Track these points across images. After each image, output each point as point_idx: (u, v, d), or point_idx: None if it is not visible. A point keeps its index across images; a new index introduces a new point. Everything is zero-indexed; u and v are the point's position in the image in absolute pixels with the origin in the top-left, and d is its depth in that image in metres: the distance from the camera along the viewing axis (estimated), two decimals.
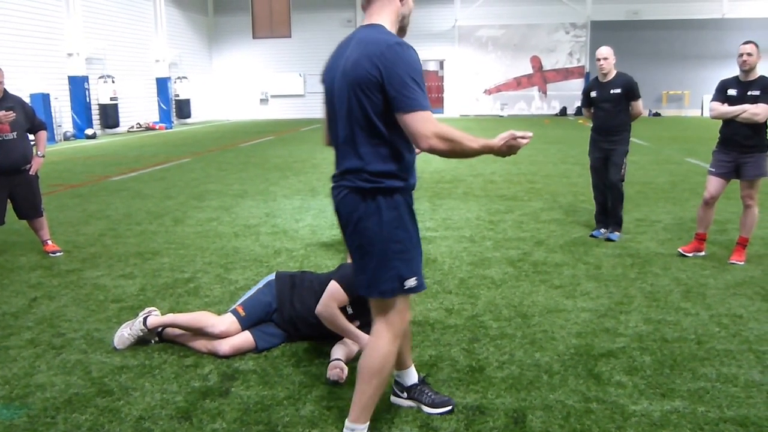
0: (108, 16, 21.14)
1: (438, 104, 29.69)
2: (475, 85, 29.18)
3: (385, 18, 2.34)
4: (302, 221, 6.93)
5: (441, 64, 29.68)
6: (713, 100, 5.13)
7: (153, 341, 3.61)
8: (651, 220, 6.75)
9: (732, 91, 5.00)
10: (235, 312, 3.53)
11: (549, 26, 28.41)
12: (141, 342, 3.58)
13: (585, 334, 3.66)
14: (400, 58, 2.17)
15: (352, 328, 3.38)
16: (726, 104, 5.01)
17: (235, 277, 4.90)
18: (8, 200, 5.54)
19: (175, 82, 25.60)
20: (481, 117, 27.79)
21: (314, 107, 29.30)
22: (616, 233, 5.95)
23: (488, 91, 29.34)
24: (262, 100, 30.58)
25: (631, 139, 5.98)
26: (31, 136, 5.65)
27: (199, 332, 3.46)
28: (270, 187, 9.28)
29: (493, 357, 3.38)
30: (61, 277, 4.98)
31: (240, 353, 3.42)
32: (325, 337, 3.54)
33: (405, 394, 2.87)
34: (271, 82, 30.29)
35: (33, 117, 5.59)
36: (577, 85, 28.20)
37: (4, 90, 5.36)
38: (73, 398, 2.98)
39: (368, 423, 2.47)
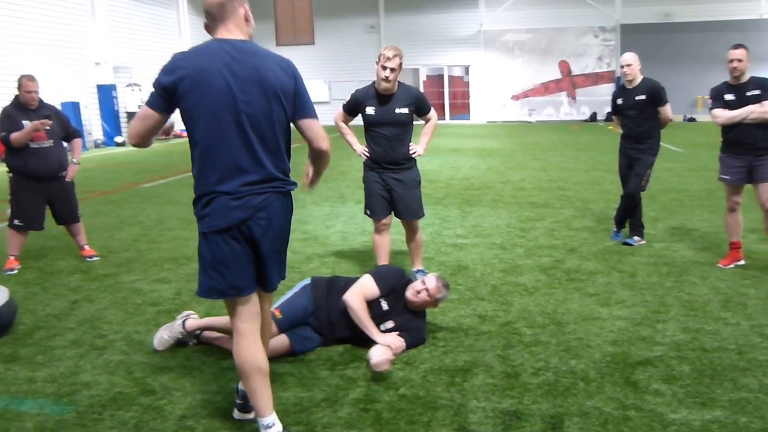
0: (133, 25, 21.42)
1: (464, 111, 29.45)
2: (502, 90, 28.83)
3: (243, 35, 2.48)
4: (332, 228, 6.98)
5: (466, 69, 29.43)
6: (713, 108, 5.07)
7: (191, 343, 3.69)
8: (687, 228, 6.63)
9: (729, 96, 4.94)
10: (272, 315, 3.59)
11: (577, 30, 27.91)
12: (179, 344, 3.67)
13: (621, 342, 3.63)
14: (299, 72, 2.54)
15: (370, 324, 3.50)
16: (727, 110, 4.94)
17: None
18: (47, 206, 5.69)
19: None
20: (508, 123, 27.58)
21: None
22: (635, 238, 5.92)
23: (515, 97, 28.98)
24: None
25: (662, 145, 5.91)
26: (65, 144, 5.81)
27: None
28: (298, 193, 9.21)
29: (528, 363, 3.38)
30: (98, 281, 5.11)
31: (276, 356, 3.47)
32: (360, 341, 3.59)
33: None
34: None
35: (67, 125, 5.75)
36: (607, 90, 27.72)
37: (40, 99, 5.53)
38: (117, 396, 3.08)
39: None
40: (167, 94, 2.40)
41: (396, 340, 3.44)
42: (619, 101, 5.90)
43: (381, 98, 4.55)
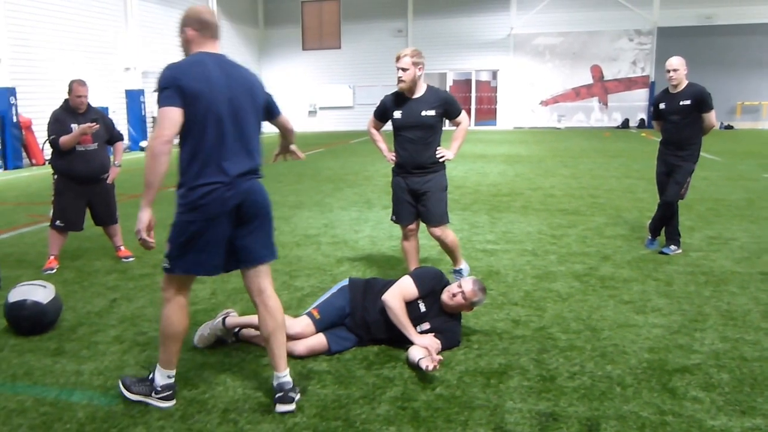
0: (163, 30, 21.65)
1: (490, 116, 29.20)
2: (531, 96, 28.56)
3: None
4: (361, 232, 7.04)
5: (494, 74, 29.29)
6: None
7: (230, 341, 3.78)
8: (725, 238, 6.51)
9: None
10: (310, 315, 3.68)
11: (611, 33, 27.36)
12: (219, 342, 3.76)
13: (658, 350, 3.62)
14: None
15: (408, 325, 3.54)
16: None
17: (300, 284, 5.03)
18: (87, 208, 5.82)
19: None
20: (536, 129, 27.38)
21: (364, 119, 29.01)
22: (672, 247, 5.84)
23: (545, 103, 28.68)
24: (310, 112, 30.39)
25: (701, 154, 5.84)
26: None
27: None
28: (325, 199, 9.43)
29: (563, 367, 3.39)
30: (135, 280, 5.23)
31: (313, 354, 3.55)
32: (394, 341, 3.64)
33: None
34: (320, 94, 30.13)
35: (112, 129, 5.90)
36: (640, 96, 27.31)
37: (87, 103, 5.68)
38: None
39: None
40: (183, 94, 2.73)
41: (433, 342, 3.47)
42: (662, 105, 5.81)
43: (408, 101, 4.53)
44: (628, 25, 27.09)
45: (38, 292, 4.03)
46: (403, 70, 4.41)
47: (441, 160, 4.61)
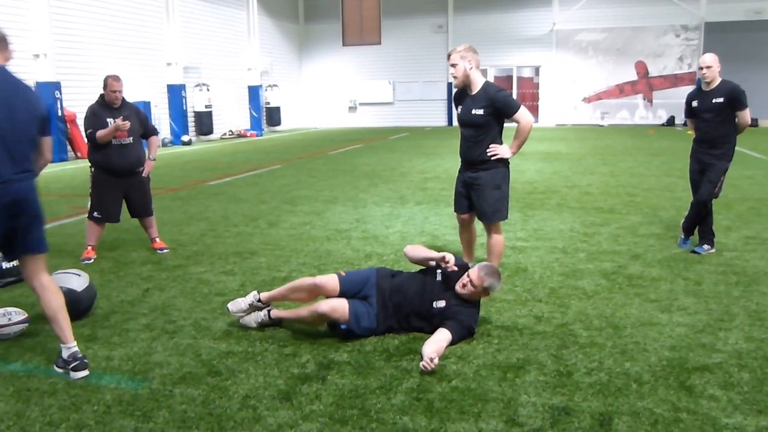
0: (204, 26, 22.06)
1: (532, 113, 28.27)
2: (573, 92, 28.07)
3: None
4: (392, 228, 7.09)
5: (536, 70, 28.87)
6: None
7: (261, 318, 3.95)
8: (763, 238, 6.32)
9: None
10: (337, 273, 3.93)
11: (657, 29, 26.64)
12: (244, 328, 3.94)
13: (679, 348, 3.57)
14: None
15: (425, 251, 3.95)
16: None
17: None
18: (123, 200, 6.01)
19: (265, 90, 26.06)
20: (579, 126, 26.90)
21: (403, 115, 29.29)
22: (705, 246, 5.71)
23: (587, 99, 28.12)
24: (350, 107, 30.45)
25: (743, 152, 5.69)
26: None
27: (302, 287, 3.89)
28: (359, 194, 9.50)
29: (581, 363, 3.38)
30: (168, 271, 5.40)
31: (334, 315, 3.66)
32: (415, 313, 3.76)
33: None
34: (360, 90, 30.16)
35: (146, 123, 6.07)
36: (687, 93, 26.53)
37: (122, 98, 5.87)
38: (186, 376, 3.31)
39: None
40: None
41: (451, 259, 3.82)
42: (695, 104, 5.72)
43: (466, 98, 4.58)
44: (674, 20, 26.35)
45: (73, 281, 4.21)
46: (453, 66, 4.48)
47: (493, 158, 4.57)
